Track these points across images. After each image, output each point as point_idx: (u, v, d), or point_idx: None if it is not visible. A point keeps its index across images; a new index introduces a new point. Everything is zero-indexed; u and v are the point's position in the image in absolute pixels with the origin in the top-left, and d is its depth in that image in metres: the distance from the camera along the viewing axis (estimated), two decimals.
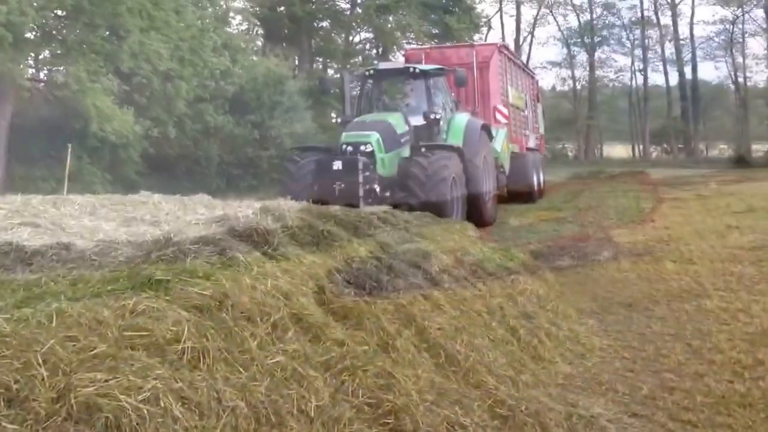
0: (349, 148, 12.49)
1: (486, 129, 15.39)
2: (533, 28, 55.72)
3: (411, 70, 14.88)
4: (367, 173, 12.17)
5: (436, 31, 38.77)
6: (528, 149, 21.19)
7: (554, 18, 56.56)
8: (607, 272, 9.52)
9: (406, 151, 13.05)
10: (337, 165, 12.13)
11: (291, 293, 3.84)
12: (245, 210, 4.82)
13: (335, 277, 4.61)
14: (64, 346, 2.52)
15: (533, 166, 20.79)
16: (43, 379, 2.30)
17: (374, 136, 12.72)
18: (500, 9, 53.72)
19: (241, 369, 2.97)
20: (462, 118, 14.97)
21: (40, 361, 2.37)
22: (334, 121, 27.03)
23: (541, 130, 25.85)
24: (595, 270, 9.64)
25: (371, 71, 15.28)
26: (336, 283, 4.51)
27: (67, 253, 4.08)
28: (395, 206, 11.11)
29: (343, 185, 11.83)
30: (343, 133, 13.37)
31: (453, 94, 16.14)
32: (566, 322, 6.74)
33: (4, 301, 2.84)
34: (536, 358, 5.51)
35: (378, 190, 12.26)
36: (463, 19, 39.06)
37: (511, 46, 54.57)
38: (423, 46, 25.08)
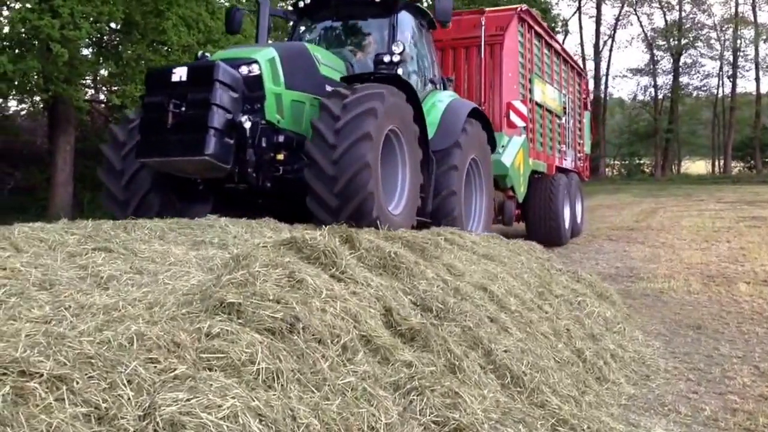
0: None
1: (481, 119, 10.81)
2: (614, 31, 53.82)
3: None
4: (232, 116, 7.66)
5: None
6: (560, 170, 16.05)
7: (638, 18, 54.49)
8: (677, 294, 9.46)
9: None
10: (175, 98, 7.52)
11: (360, 315, 3.97)
12: (312, 232, 4.97)
13: (402, 299, 4.74)
14: (146, 368, 2.69)
15: (566, 194, 15.17)
16: (128, 399, 2.47)
17: (268, 54, 8.32)
18: (579, 9, 52.06)
19: (313, 389, 3.12)
20: (444, 95, 10.64)
21: (125, 381, 2.55)
22: None
23: (586, 149, 19.71)
24: (665, 292, 9.57)
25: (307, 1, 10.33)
26: (403, 305, 4.63)
27: (141, 278, 4.30)
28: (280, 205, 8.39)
29: (180, 135, 7.44)
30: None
31: (439, 64, 11.50)
32: (632, 344, 6.76)
33: (86, 325, 3.03)
34: (600, 380, 5.56)
35: (264, 156, 8.01)
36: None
37: (590, 51, 53.03)
38: None
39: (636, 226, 18.41)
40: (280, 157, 8.15)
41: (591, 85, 49.97)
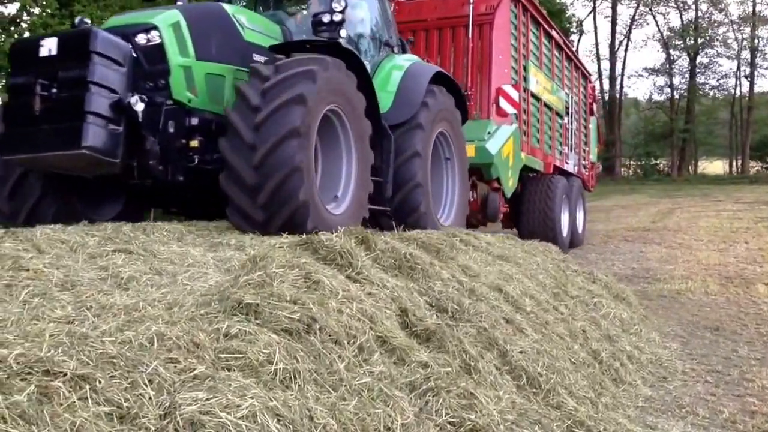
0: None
1: (450, 86, 9.29)
2: (630, 31, 53.49)
3: None
4: (118, 97, 6.26)
5: None
6: (559, 171, 14.99)
7: (654, 17, 54.11)
8: (695, 295, 9.45)
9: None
10: (44, 77, 6.14)
11: (375, 316, 4.02)
12: (328, 233, 5.02)
13: (418, 300, 4.78)
14: (166, 367, 2.75)
15: (565, 198, 13.97)
16: (149, 398, 2.53)
17: (170, 18, 6.90)
18: (594, 9, 51.75)
19: (330, 389, 3.16)
20: (402, 59, 9.08)
21: (146, 380, 2.60)
22: None
23: (592, 157, 18.53)
24: (682, 293, 9.56)
25: None
26: (419, 306, 4.67)
27: (160, 279, 4.36)
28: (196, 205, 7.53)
29: (51, 124, 6.08)
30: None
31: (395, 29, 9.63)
32: (649, 346, 6.77)
33: (108, 325, 3.09)
34: (617, 381, 5.59)
35: (172, 145, 6.71)
36: (553, 23, 37.00)
37: (606, 51, 52.51)
38: None
39: (652, 226, 18.36)
40: (194, 144, 6.80)
41: (606, 86, 49.97)
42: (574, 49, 18.92)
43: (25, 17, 17.85)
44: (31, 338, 2.61)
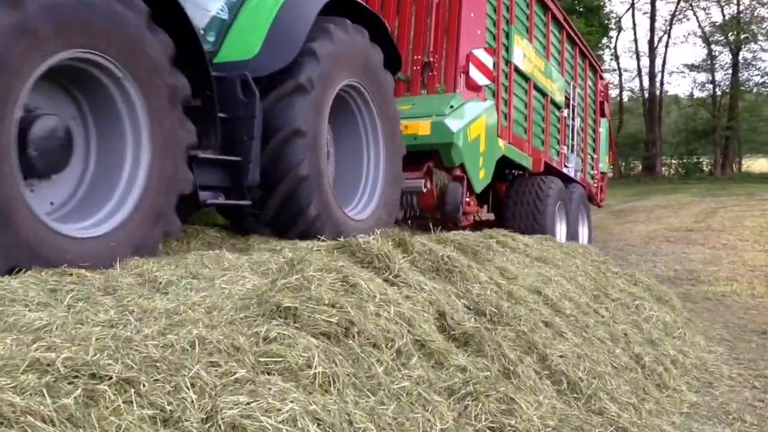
0: None
1: (365, 18, 7.15)
2: (670, 27, 52.83)
3: None
4: None
5: None
6: (553, 170, 12.69)
7: (694, 13, 53.38)
8: (741, 298, 9.35)
9: None
10: None
11: (413, 320, 4.06)
12: (366, 236, 5.07)
13: (456, 303, 4.81)
14: (208, 371, 2.82)
15: (560, 203, 11.83)
16: (192, 402, 2.60)
17: None
18: (632, 5, 51.04)
19: (369, 393, 3.21)
20: None
21: (189, 384, 2.67)
22: None
23: (602, 166, 16.30)
24: (727, 296, 9.47)
25: None
26: (456, 309, 4.71)
27: (198, 282, 4.45)
28: None
29: None
30: None
31: None
32: (694, 350, 6.72)
33: (150, 329, 3.17)
34: (661, 386, 5.56)
35: None
36: (591, 20, 35.72)
37: (645, 48, 51.70)
38: None
39: (695, 226, 18.16)
40: None
41: (646, 83, 49.40)
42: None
43: None
44: (77, 342, 2.70)
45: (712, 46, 53.29)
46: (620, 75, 52.67)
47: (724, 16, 51.98)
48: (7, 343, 2.74)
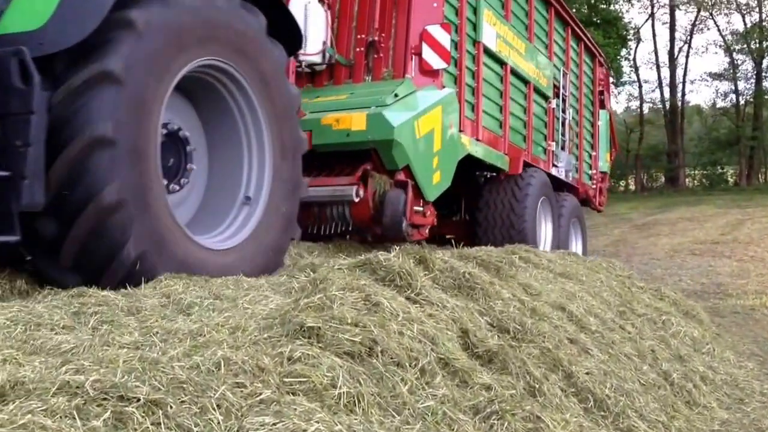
0: None
1: None
2: (690, 36, 52.50)
3: None
4: None
5: None
6: (536, 169, 10.93)
7: (715, 22, 52.98)
8: None
9: None
10: None
11: (437, 338, 4.09)
12: (386, 254, 5.10)
13: (479, 320, 4.83)
14: (233, 392, 2.86)
15: (546, 207, 10.70)
16: (218, 423, 2.64)
17: None
18: (651, 15, 50.78)
19: (393, 413, 3.24)
20: None
21: (215, 405, 2.72)
22: None
23: (602, 164, 14.59)
24: (757, 309, 9.41)
25: None
26: (480, 326, 4.72)
27: (221, 303, 4.50)
28: None
29: None
30: None
31: None
32: (723, 366, 6.68)
33: (175, 350, 3.21)
34: (690, 404, 5.54)
35: None
36: (609, 32, 35.27)
37: (665, 59, 51.26)
38: None
39: (721, 239, 18.03)
40: None
41: (666, 94, 49.17)
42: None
43: None
44: (105, 364, 2.76)
45: (734, 55, 53.04)
46: (640, 86, 52.45)
47: (745, 24, 51.79)
48: (36, 366, 2.80)
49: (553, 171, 11.83)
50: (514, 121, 10.69)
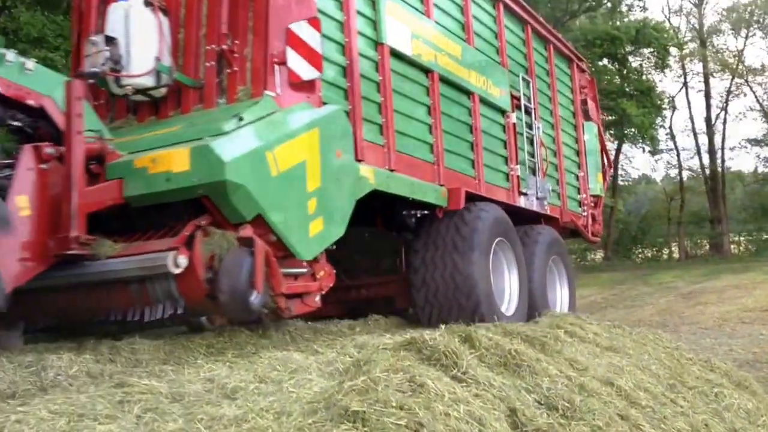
0: None
1: None
2: (726, 103, 52.08)
3: None
4: None
5: (612, 117, 34.43)
6: (491, 202, 8.83)
7: (751, 88, 52.64)
8: None
9: None
10: None
11: (484, 418, 4.01)
12: (432, 332, 5.05)
13: (526, 398, 4.73)
14: None
15: (495, 242, 8.31)
16: None
17: None
18: (685, 84, 50.49)
19: None
20: None
21: None
22: None
23: (592, 187, 12.42)
24: None
25: None
26: (528, 405, 4.62)
27: (266, 386, 4.47)
28: None
29: None
30: None
31: None
32: None
33: None
34: None
35: None
36: (643, 102, 35.20)
37: (702, 126, 50.81)
38: None
39: None
40: None
41: (706, 161, 48.75)
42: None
43: None
44: None
45: None
46: (678, 154, 52.00)
47: None
48: None
49: (521, 201, 9.75)
50: (453, 142, 8.57)
